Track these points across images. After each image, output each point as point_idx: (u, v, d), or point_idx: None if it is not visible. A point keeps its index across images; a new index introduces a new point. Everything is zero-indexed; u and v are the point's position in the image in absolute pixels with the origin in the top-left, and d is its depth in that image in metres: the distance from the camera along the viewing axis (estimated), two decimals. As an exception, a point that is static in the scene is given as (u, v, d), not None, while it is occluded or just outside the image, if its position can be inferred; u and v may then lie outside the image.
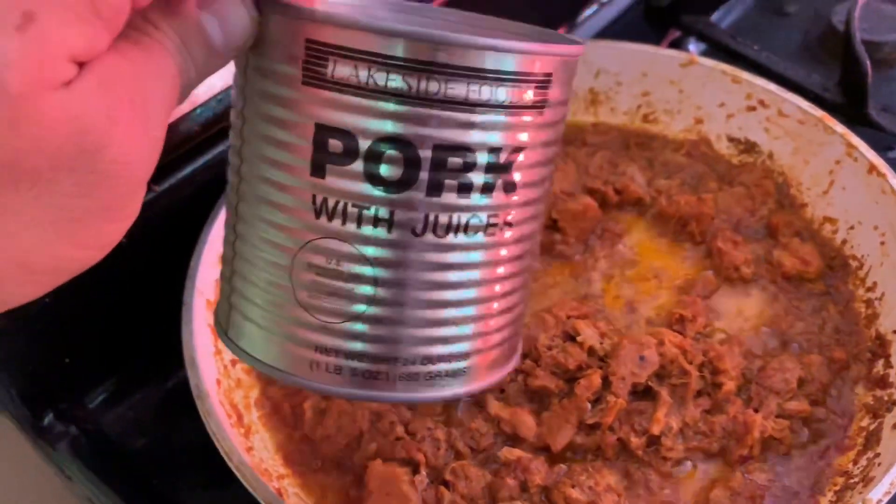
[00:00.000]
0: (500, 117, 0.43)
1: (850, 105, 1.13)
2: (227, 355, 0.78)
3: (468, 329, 0.48)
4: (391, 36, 0.40)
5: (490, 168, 0.44)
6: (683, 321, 0.78)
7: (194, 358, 0.71)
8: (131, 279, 0.82)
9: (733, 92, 0.93)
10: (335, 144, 0.42)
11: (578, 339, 0.75)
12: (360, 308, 0.45)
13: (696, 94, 0.96)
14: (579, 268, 0.86)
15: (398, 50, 0.40)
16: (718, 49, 1.24)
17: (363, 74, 0.40)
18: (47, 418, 0.83)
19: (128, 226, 0.40)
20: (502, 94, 0.42)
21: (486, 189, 0.44)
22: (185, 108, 0.76)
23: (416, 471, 0.69)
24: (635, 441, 0.70)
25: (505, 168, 0.44)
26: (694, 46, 1.30)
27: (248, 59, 0.45)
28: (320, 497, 0.71)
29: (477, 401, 0.75)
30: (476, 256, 0.46)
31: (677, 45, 1.29)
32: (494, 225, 0.46)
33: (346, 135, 0.42)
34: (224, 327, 0.51)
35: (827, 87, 1.16)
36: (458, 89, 0.41)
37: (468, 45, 0.41)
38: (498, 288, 0.48)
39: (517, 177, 0.45)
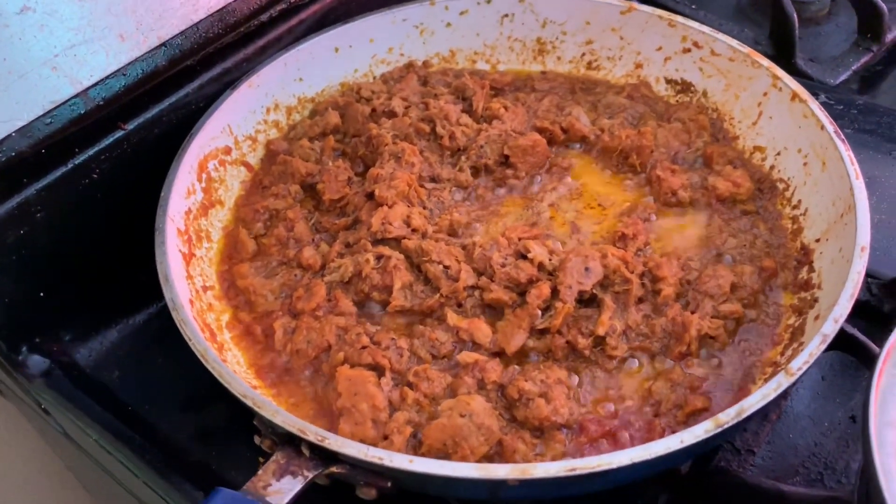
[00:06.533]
0: None
1: (780, 56, 1.21)
2: (199, 281, 0.82)
3: None
4: None
5: None
6: (625, 238, 0.84)
7: (168, 275, 0.75)
8: (105, 213, 0.86)
9: (669, 35, 0.99)
10: None
11: (529, 255, 0.80)
12: None
13: (636, 40, 1.02)
14: (530, 199, 0.92)
15: None
16: (659, 8, 1.31)
17: None
18: (23, 352, 0.86)
19: None
20: None
21: None
22: (153, 42, 0.80)
23: (381, 374, 0.74)
24: (582, 342, 0.76)
25: None
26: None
27: None
28: (292, 405, 0.76)
29: (437, 315, 0.80)
30: None
31: (620, 6, 1.36)
32: None
33: None
34: None
35: (759, 41, 1.24)
36: None
37: None
38: None
39: None
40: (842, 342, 0.76)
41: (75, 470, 1.15)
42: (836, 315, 0.67)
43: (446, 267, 0.81)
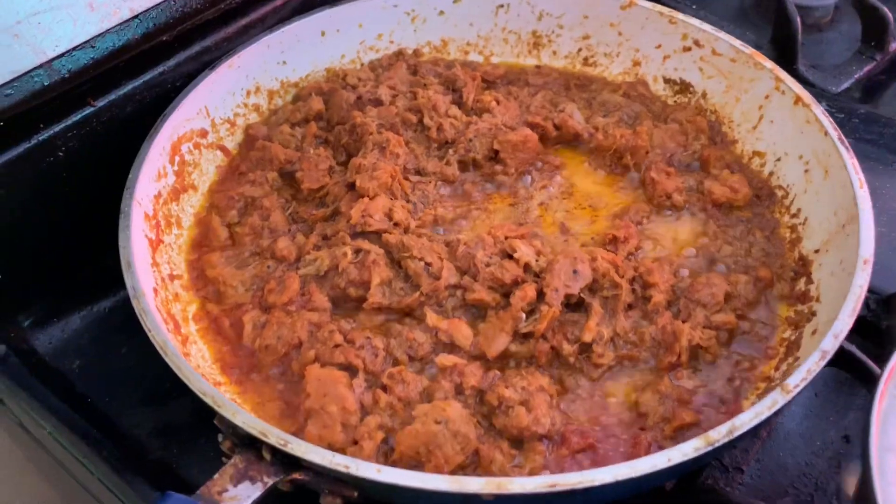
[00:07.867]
0: None
1: (781, 61, 1.17)
2: (165, 269, 0.78)
3: None
4: None
5: None
6: (616, 242, 0.80)
7: (131, 261, 0.70)
8: (70, 193, 0.81)
9: (670, 33, 0.96)
10: None
11: (515, 255, 0.76)
12: None
13: (635, 37, 0.98)
14: (518, 197, 0.88)
15: None
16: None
17: None
18: (-23, 336, 0.81)
19: None
20: None
21: None
22: (125, 14, 0.75)
23: (354, 375, 0.70)
24: (567, 348, 0.72)
25: None
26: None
27: None
28: (257, 403, 0.71)
29: (416, 315, 0.76)
30: None
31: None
32: None
33: None
34: None
35: (760, 45, 1.20)
36: None
37: None
38: None
39: None
40: (839, 359, 0.72)
41: (35, 463, 1.11)
42: (836, 331, 0.63)
43: (428, 264, 0.77)
